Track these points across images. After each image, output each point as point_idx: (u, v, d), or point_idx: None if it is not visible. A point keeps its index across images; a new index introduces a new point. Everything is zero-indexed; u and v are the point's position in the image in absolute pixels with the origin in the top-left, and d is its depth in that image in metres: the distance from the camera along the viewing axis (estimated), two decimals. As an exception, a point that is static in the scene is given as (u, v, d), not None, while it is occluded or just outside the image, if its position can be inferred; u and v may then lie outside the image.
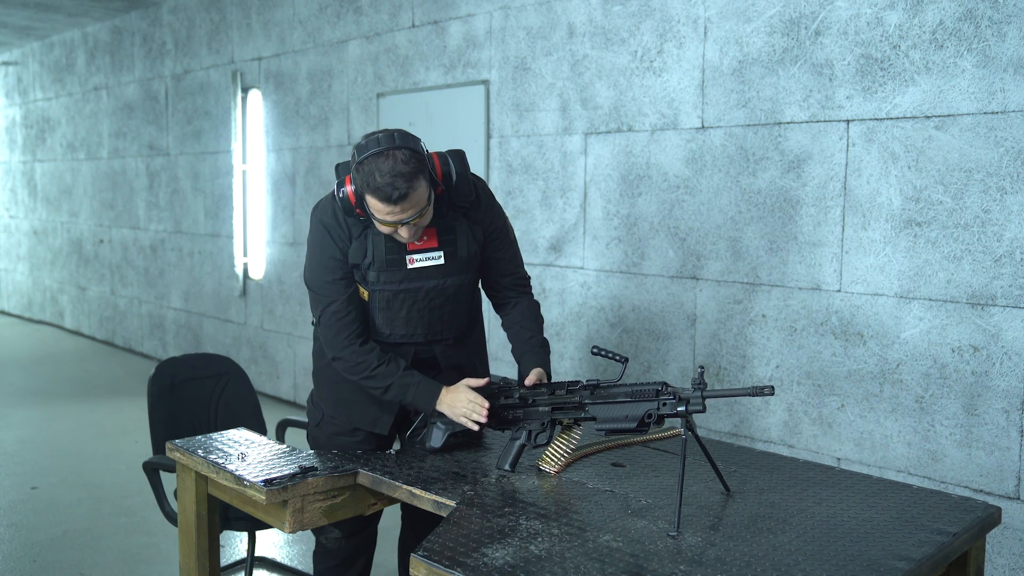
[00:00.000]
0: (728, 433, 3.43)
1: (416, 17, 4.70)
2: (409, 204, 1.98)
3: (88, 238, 8.35)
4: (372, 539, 2.50)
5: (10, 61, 9.59)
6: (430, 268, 2.17)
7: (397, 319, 2.20)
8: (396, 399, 2.19)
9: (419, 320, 2.21)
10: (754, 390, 1.71)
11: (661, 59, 3.57)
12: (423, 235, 2.14)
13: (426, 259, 2.16)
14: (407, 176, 1.95)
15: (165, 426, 2.76)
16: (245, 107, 6.09)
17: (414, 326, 2.22)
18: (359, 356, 2.16)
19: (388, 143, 1.97)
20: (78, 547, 3.52)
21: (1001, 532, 2.77)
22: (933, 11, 2.82)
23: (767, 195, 3.27)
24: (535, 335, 2.33)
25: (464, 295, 2.26)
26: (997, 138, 2.70)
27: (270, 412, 4.78)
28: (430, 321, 2.22)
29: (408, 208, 1.99)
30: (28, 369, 7.10)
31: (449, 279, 2.19)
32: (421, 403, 2.17)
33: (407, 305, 2.19)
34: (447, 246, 2.17)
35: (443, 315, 2.23)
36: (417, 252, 2.15)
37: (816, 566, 1.55)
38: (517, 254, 2.38)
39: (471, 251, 2.21)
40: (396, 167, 1.94)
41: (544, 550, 1.60)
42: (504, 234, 2.31)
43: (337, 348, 2.18)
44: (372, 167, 1.96)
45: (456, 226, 2.18)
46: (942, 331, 2.85)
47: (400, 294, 2.17)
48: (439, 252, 2.16)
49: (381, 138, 1.99)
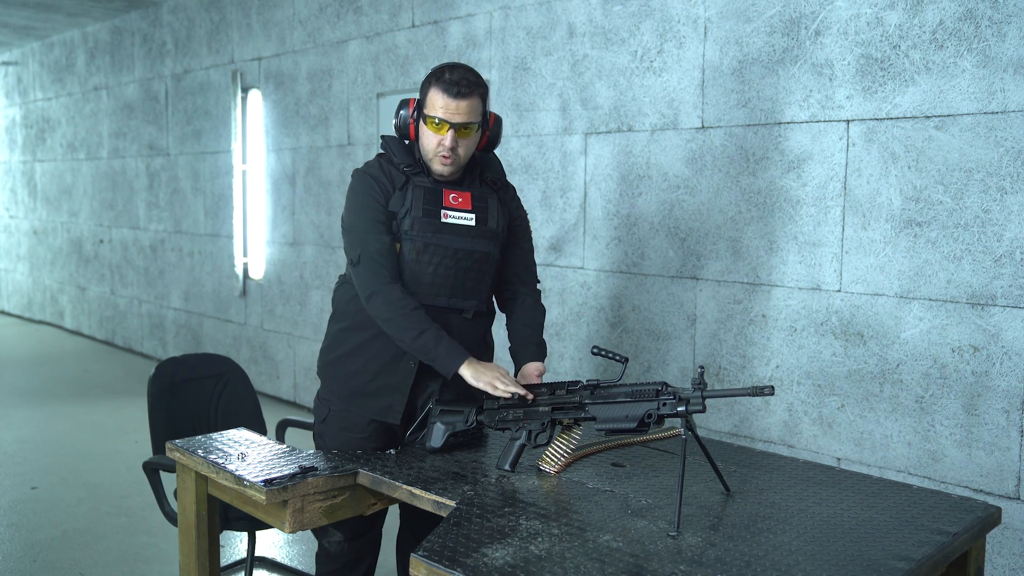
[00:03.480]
0: (728, 433, 3.43)
1: (416, 17, 4.70)
2: (466, 108, 2.17)
3: (88, 238, 8.35)
4: (376, 543, 2.48)
5: (10, 61, 9.59)
6: (462, 227, 2.27)
7: (424, 274, 2.26)
8: (425, 348, 2.18)
9: (444, 280, 2.27)
10: (754, 390, 1.71)
11: (661, 59, 3.57)
12: (459, 196, 2.27)
13: (459, 217, 2.27)
14: (472, 83, 2.18)
15: (165, 426, 2.76)
16: (245, 107, 6.09)
17: (439, 286, 2.27)
18: (399, 293, 2.21)
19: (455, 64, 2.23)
20: (78, 547, 3.52)
21: (1001, 532, 2.77)
22: (933, 11, 2.82)
23: (767, 195, 3.27)
24: (535, 334, 2.38)
25: (488, 269, 2.32)
26: (997, 138, 2.71)
27: (270, 412, 4.78)
28: (454, 285, 2.28)
29: (463, 112, 2.17)
30: (28, 369, 7.10)
31: (478, 243, 2.28)
32: (448, 360, 2.17)
33: (435, 260, 2.26)
34: (479, 212, 2.29)
35: (467, 281, 2.29)
36: (452, 209, 2.27)
37: (816, 566, 1.55)
38: (532, 249, 2.50)
39: (500, 224, 2.31)
40: (467, 73, 2.19)
41: (544, 550, 1.60)
42: (526, 225, 2.46)
43: (377, 284, 2.21)
44: (445, 68, 2.21)
45: (488, 198, 2.32)
46: (942, 331, 2.85)
47: (431, 247, 2.25)
48: (472, 214, 2.28)
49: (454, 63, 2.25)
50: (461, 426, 2.22)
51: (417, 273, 2.25)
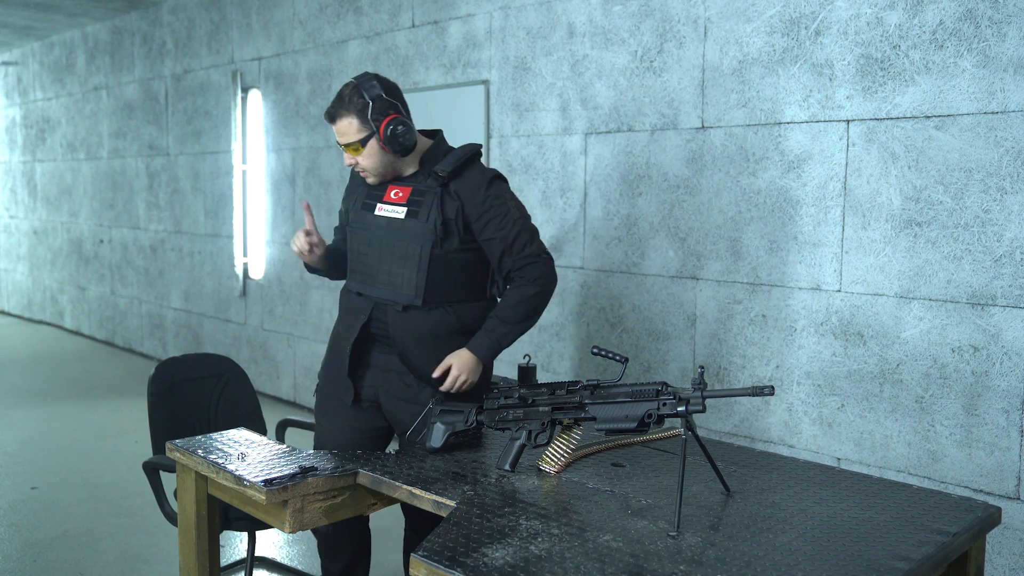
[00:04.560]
0: (728, 433, 3.43)
1: (416, 17, 4.70)
2: (342, 129, 2.33)
3: (88, 238, 8.35)
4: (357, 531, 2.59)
5: (10, 61, 9.59)
6: (391, 219, 2.39)
7: (359, 263, 2.44)
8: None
9: (375, 271, 2.40)
10: (754, 390, 1.71)
11: (661, 59, 3.57)
12: (399, 192, 2.40)
13: (391, 211, 2.40)
14: (338, 105, 2.33)
15: (165, 426, 2.76)
16: (245, 107, 6.09)
17: (372, 276, 2.41)
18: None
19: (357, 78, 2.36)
20: (78, 547, 3.52)
21: (1001, 532, 2.77)
22: (933, 11, 2.82)
23: (767, 195, 3.27)
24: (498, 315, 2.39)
25: (416, 264, 2.34)
26: (997, 138, 2.71)
27: (270, 412, 4.78)
28: (387, 274, 2.38)
29: (340, 133, 2.34)
30: (28, 369, 7.10)
31: (400, 236, 2.37)
32: None
33: (364, 250, 2.43)
34: (413, 206, 2.37)
35: (393, 275, 2.37)
36: (389, 203, 2.41)
37: (816, 566, 1.55)
38: (520, 237, 2.37)
39: (434, 219, 2.34)
40: (341, 95, 2.34)
41: (544, 550, 1.60)
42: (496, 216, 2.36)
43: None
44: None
45: (429, 192, 2.37)
46: (942, 331, 2.85)
47: (364, 237, 2.43)
48: (403, 208, 2.38)
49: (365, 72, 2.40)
50: (461, 426, 2.22)
51: (353, 261, 2.47)
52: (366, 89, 2.32)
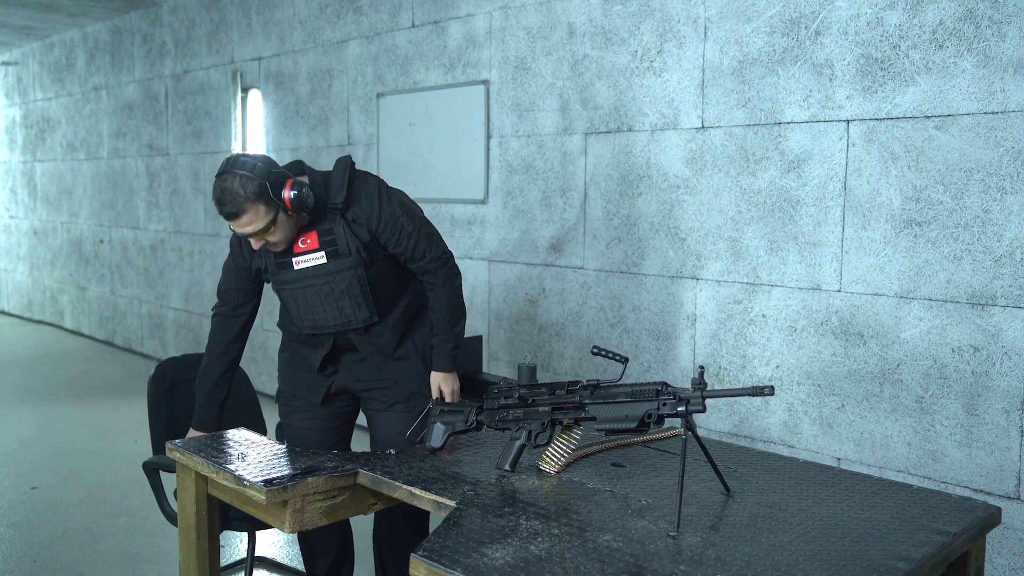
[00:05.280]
0: (728, 433, 3.43)
1: (416, 17, 4.70)
2: (244, 223, 2.22)
3: (88, 238, 8.35)
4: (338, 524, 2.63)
5: (10, 61, 9.59)
6: (315, 267, 2.37)
7: (303, 313, 2.44)
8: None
9: (322, 311, 2.41)
10: (754, 390, 1.71)
11: (661, 59, 3.57)
12: (306, 238, 2.36)
13: (309, 259, 2.38)
14: (233, 204, 2.19)
15: (165, 426, 2.76)
16: (245, 107, 6.09)
17: (321, 317, 2.42)
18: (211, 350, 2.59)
19: (225, 167, 2.22)
20: (78, 547, 3.52)
21: (1001, 532, 2.77)
22: (933, 11, 2.82)
23: (767, 195, 3.27)
24: (437, 334, 2.50)
25: (360, 287, 2.38)
26: (997, 138, 2.70)
27: (270, 412, 4.77)
28: (336, 312, 2.40)
29: (243, 227, 2.23)
30: (28, 369, 7.10)
31: (338, 275, 2.38)
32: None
33: (305, 300, 2.41)
34: (328, 246, 2.36)
35: (344, 307, 2.39)
36: (302, 254, 2.38)
37: (816, 566, 1.55)
38: (417, 247, 2.43)
39: (353, 247, 2.35)
40: (226, 195, 2.19)
41: (544, 550, 1.60)
42: (394, 230, 2.39)
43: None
44: (214, 184, 2.24)
45: (334, 227, 2.35)
46: (942, 331, 2.85)
47: (297, 292, 2.41)
48: (320, 252, 2.36)
49: (228, 159, 2.24)
50: (461, 426, 2.22)
51: (297, 313, 2.45)
52: (249, 172, 2.19)
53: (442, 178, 4.59)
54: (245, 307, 2.56)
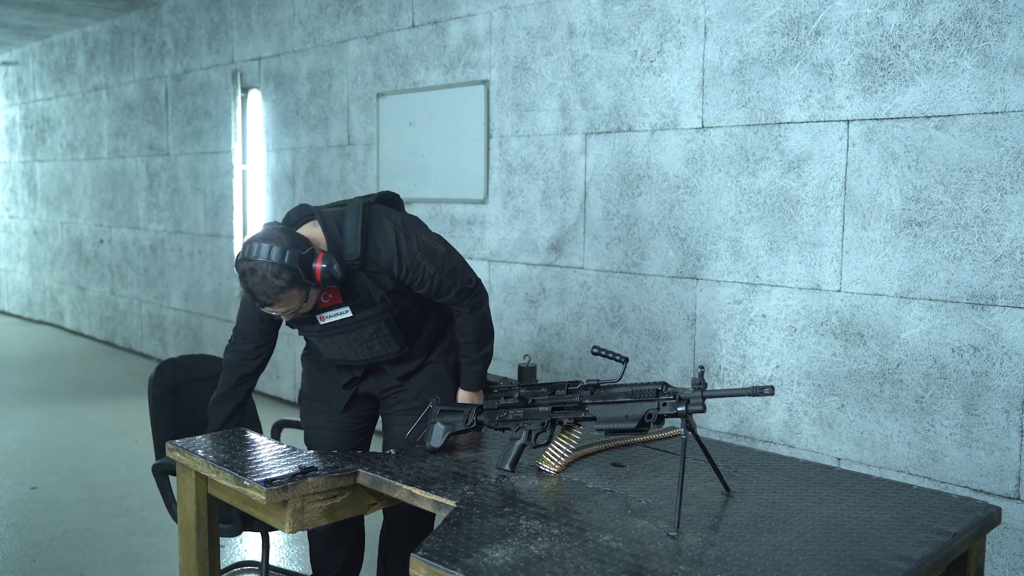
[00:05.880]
0: (728, 433, 3.43)
1: (416, 17, 4.70)
2: (274, 309, 2.19)
3: (88, 238, 8.35)
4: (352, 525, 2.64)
5: (10, 61, 9.59)
6: (341, 321, 2.34)
7: (335, 352, 2.43)
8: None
9: (356, 351, 2.40)
10: (754, 390, 1.71)
11: (661, 59, 3.57)
12: (327, 293, 2.30)
13: (335, 315, 2.34)
14: (268, 295, 2.13)
15: (167, 429, 2.76)
16: (245, 107, 6.09)
17: (353, 354, 2.41)
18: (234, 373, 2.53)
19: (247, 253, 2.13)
20: (78, 547, 3.52)
21: (1001, 532, 2.77)
22: (933, 11, 2.82)
23: (767, 195, 3.27)
24: (465, 355, 2.48)
25: (389, 327, 2.37)
26: (997, 138, 2.70)
27: (271, 412, 4.78)
28: (366, 350, 2.40)
29: (277, 310, 2.19)
30: (28, 369, 7.10)
31: (365, 324, 2.34)
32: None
33: (336, 346, 2.40)
34: (351, 299, 2.31)
35: (375, 345, 2.39)
36: (326, 310, 2.33)
37: (816, 566, 1.55)
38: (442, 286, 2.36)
39: (377, 296, 2.32)
40: (260, 285, 2.12)
41: (544, 550, 1.60)
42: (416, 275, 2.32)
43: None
44: (241, 273, 2.15)
45: (355, 280, 2.30)
46: (942, 331, 2.85)
47: (325, 339, 2.40)
48: (345, 307, 2.32)
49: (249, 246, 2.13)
50: (461, 426, 2.22)
51: (326, 351, 2.44)
52: (278, 260, 2.11)
53: (442, 178, 4.59)
54: (267, 346, 2.51)
